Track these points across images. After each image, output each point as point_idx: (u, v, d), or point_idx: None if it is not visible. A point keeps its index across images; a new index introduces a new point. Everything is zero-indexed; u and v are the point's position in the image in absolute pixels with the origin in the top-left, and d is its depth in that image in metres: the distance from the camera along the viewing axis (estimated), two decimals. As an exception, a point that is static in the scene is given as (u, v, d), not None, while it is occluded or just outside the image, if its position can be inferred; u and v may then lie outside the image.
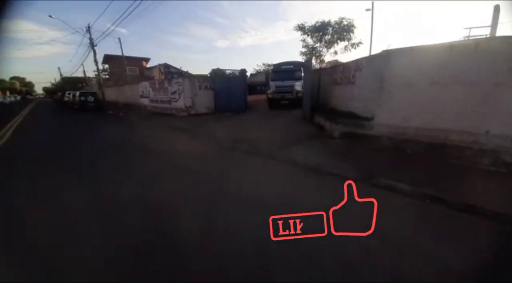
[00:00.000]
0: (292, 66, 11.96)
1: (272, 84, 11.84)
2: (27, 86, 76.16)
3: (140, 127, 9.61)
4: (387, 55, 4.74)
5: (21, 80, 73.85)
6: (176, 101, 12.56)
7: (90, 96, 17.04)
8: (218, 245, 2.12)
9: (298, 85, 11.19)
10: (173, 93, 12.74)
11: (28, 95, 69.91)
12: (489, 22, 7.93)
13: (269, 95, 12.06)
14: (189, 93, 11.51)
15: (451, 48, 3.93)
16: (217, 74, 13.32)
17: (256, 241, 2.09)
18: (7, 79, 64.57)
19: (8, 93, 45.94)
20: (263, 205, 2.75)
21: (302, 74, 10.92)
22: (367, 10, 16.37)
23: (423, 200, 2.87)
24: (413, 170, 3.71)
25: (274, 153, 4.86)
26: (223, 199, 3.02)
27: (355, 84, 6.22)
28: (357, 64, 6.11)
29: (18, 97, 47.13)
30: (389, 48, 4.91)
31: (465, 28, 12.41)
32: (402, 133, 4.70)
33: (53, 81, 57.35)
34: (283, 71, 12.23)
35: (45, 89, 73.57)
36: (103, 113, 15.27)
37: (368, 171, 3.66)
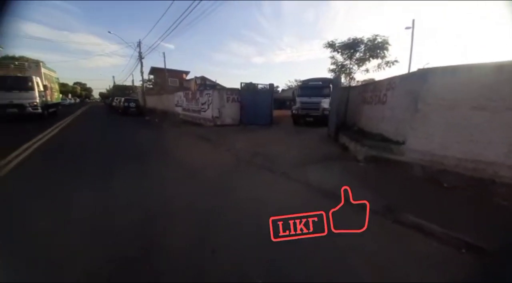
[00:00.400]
0: (320, 83, 11.60)
1: (298, 100, 11.61)
2: (87, 91, 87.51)
3: (168, 133, 10.14)
4: (424, 74, 4.27)
5: (83, 85, 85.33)
6: (205, 111, 13.08)
7: (132, 103, 18.75)
8: (201, 265, 1.96)
9: (325, 102, 10.58)
10: (203, 103, 13.32)
11: (87, 99, 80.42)
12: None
13: (293, 111, 11.70)
14: (217, 105, 11.90)
15: (501, 69, 3.37)
16: (249, 88, 13.59)
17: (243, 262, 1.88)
18: (71, 83, 75.41)
19: (70, 96, 53.31)
20: (260, 225, 2.53)
21: (331, 91, 10.31)
22: (407, 28, 15.58)
23: (457, 248, 2.35)
24: (449, 207, 3.14)
25: (289, 170, 4.60)
26: (222, 215, 2.87)
27: (386, 104, 5.72)
28: (390, 82, 5.65)
29: (78, 100, 54.57)
30: (427, 66, 4.44)
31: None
32: (439, 163, 4.10)
33: (108, 88, 65.15)
34: (310, 88, 11.86)
35: (100, 94, 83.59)
36: (141, 118, 16.58)
37: (392, 203, 3.19)
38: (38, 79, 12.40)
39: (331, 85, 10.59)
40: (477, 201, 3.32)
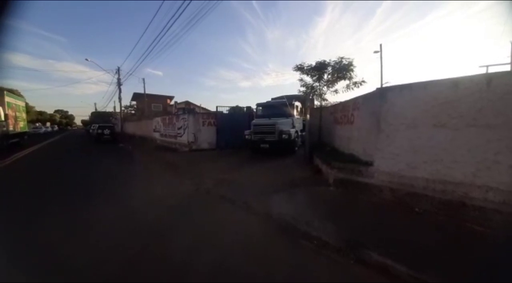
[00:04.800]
0: (285, 100, 9.39)
1: (252, 122, 9.51)
2: (68, 119, 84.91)
3: (136, 162, 9.45)
4: (382, 93, 4.16)
5: (64, 113, 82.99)
6: (181, 136, 12.64)
7: (106, 129, 17.99)
8: None
9: (283, 124, 8.47)
10: (179, 128, 12.92)
11: (69, 127, 77.71)
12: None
13: (246, 136, 9.32)
14: (192, 129, 11.53)
15: (456, 85, 3.27)
16: (235, 111, 13.37)
17: None
18: (52, 111, 73.35)
19: (48, 124, 51.33)
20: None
21: (295, 111, 8.90)
22: (375, 52, 16.57)
23: (426, 296, 1.93)
24: (419, 238, 2.75)
25: (251, 201, 4.13)
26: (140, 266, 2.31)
27: (354, 124, 5.58)
28: (355, 102, 5.57)
29: (56, 128, 52.51)
30: (386, 85, 4.35)
31: (480, 66, 11.62)
32: (408, 185, 3.81)
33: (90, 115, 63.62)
34: (270, 107, 9.67)
35: (82, 121, 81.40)
36: (114, 146, 15.76)
37: (356, 236, 2.77)
38: (0, 108, 11.64)
39: (295, 103, 9.17)
40: (449, 228, 2.97)
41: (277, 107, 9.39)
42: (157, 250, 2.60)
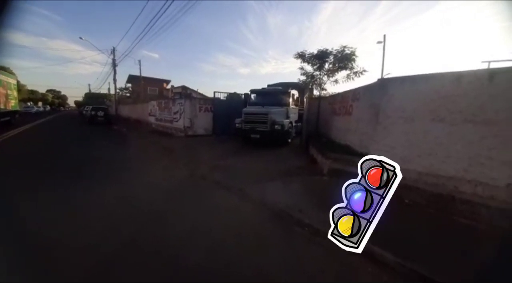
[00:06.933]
0: (281, 88, 8.72)
1: (244, 110, 8.68)
2: (61, 99, 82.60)
3: (131, 145, 9.36)
4: (383, 85, 4.12)
5: (56, 93, 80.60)
6: (177, 121, 12.48)
7: (100, 111, 17.59)
8: None
9: (277, 114, 7.85)
10: (175, 113, 12.74)
11: (61, 107, 75.74)
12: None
13: (237, 125, 8.64)
14: (189, 114, 11.37)
15: (459, 79, 3.24)
16: (233, 98, 13.17)
17: None
18: (44, 91, 71.16)
19: (40, 104, 49.95)
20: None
21: (291, 99, 8.37)
22: (379, 42, 16.32)
23: (411, 281, 2.01)
24: (407, 229, 2.83)
25: (246, 187, 4.16)
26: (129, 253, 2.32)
27: (352, 116, 5.56)
28: (355, 93, 5.52)
29: (48, 108, 51.21)
30: (387, 76, 4.30)
31: (483, 62, 11.58)
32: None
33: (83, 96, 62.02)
34: (264, 94, 9.04)
35: (76, 102, 79.45)
36: (109, 128, 15.53)
37: (347, 224, 2.82)
38: (-10, 85, 11.26)
39: (291, 92, 8.64)
40: (437, 220, 3.06)
41: (272, 95, 8.79)
42: (149, 236, 2.60)
